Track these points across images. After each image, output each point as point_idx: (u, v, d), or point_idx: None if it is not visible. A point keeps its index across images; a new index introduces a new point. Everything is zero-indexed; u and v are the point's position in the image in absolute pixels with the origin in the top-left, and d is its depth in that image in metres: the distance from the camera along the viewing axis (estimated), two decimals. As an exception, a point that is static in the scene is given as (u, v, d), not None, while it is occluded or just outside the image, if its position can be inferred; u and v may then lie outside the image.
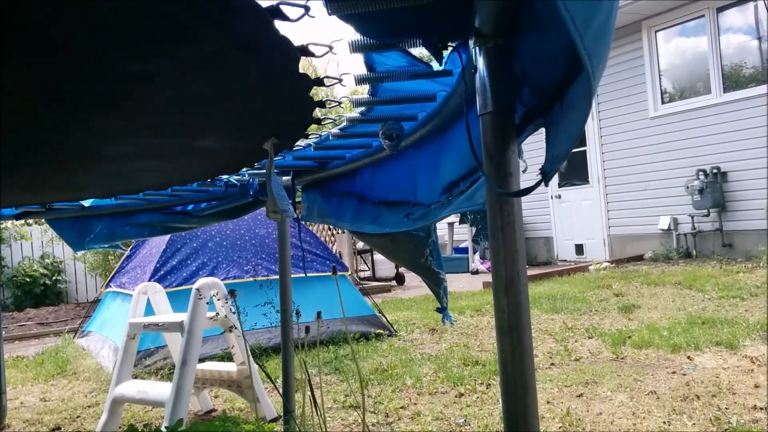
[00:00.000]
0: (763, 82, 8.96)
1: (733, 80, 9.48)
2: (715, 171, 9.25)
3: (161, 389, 3.41)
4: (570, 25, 0.74)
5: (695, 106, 9.69)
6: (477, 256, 12.31)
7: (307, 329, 2.24)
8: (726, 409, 3.23)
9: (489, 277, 9.96)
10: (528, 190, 0.98)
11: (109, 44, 1.02)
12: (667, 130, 10.01)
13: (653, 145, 10.20)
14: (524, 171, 1.30)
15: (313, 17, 0.98)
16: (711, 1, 9.42)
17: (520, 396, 1.03)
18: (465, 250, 12.41)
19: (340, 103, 1.58)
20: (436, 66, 1.32)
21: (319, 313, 2.50)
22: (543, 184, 1.00)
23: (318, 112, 1.71)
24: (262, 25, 0.97)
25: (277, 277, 4.94)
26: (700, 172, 9.35)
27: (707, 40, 9.64)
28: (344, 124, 1.83)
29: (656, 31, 10.34)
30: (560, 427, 3.19)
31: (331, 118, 1.77)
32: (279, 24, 1.00)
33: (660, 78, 10.34)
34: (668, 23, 10.15)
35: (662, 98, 10.33)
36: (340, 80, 1.40)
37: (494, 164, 1.06)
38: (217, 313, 3.60)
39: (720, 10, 9.49)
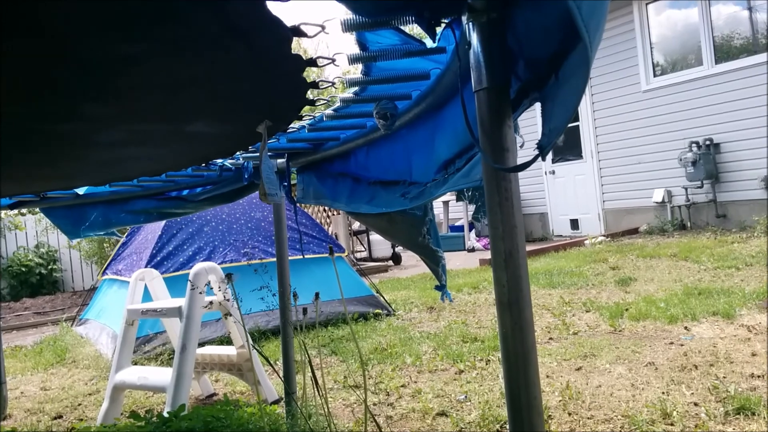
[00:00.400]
0: (754, 52, 8.94)
1: (724, 51, 9.46)
2: (707, 142, 9.26)
3: (162, 375, 3.43)
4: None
5: (687, 78, 9.67)
6: (473, 234, 12.33)
7: (305, 310, 2.25)
8: (724, 378, 3.26)
9: (485, 255, 10.00)
10: (525, 165, 0.98)
11: (98, 26, 1.01)
12: (660, 103, 10.00)
13: (646, 119, 10.20)
14: (521, 146, 1.29)
15: (305, -4, 0.97)
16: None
17: (522, 369, 1.04)
18: (461, 228, 12.43)
19: (333, 83, 1.57)
20: (429, 43, 1.31)
21: (317, 294, 2.51)
22: (540, 158, 1.00)
23: (311, 93, 1.70)
24: (253, 6, 0.96)
25: (274, 259, 4.96)
26: (693, 144, 9.35)
27: (698, 11, 9.60)
28: (338, 104, 1.82)
29: (647, 4, 10.29)
30: (560, 400, 3.22)
31: (324, 99, 1.76)
32: (270, 5, 0.99)
33: (651, 51, 10.31)
34: (658, -5, 10.10)
35: (654, 71, 10.30)
36: (333, 60, 1.39)
37: (491, 140, 1.06)
38: (211, 302, 3.60)
39: (711, -20, 9.44)
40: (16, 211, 11.50)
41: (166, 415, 2.69)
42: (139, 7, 0.92)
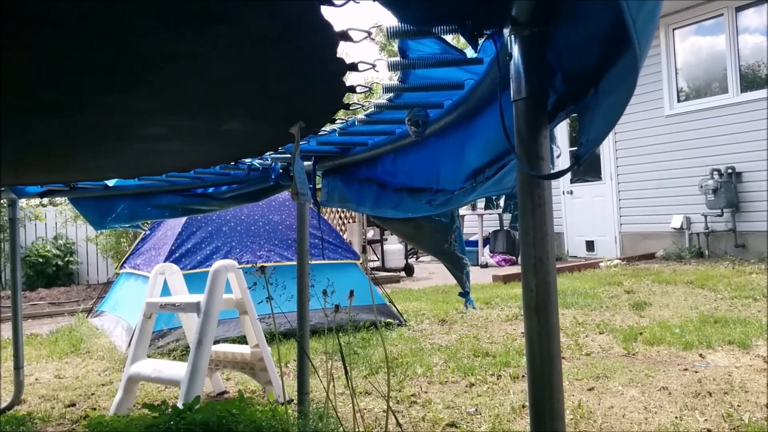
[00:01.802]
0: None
1: (749, 80, 9.44)
2: (729, 171, 9.22)
3: (176, 369, 3.47)
4: (625, 9, 0.76)
5: (711, 105, 9.65)
6: (486, 250, 12.32)
7: (337, 307, 2.29)
8: (738, 406, 3.25)
9: (499, 271, 10.00)
10: (561, 173, 1.01)
11: (155, 25, 1.05)
12: (683, 129, 9.98)
13: (668, 143, 10.18)
14: (558, 156, 1.32)
15: (358, 2, 1.01)
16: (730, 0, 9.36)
17: (546, 374, 1.06)
18: (475, 243, 12.41)
19: (371, 88, 1.61)
20: (470, 53, 1.34)
21: (337, 306, 2.55)
22: (576, 167, 1.03)
23: (346, 98, 1.74)
24: (307, 9, 1.00)
25: (288, 263, 5.00)
26: (715, 172, 9.32)
27: (725, 39, 9.59)
28: (371, 109, 1.85)
29: (674, 29, 10.29)
30: (571, 419, 3.22)
31: (359, 104, 1.80)
32: (323, 9, 1.03)
33: (677, 76, 10.30)
34: (686, 21, 10.10)
35: (678, 96, 10.29)
36: (374, 66, 1.43)
37: (526, 148, 1.09)
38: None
39: (738, 9, 9.44)
40: (37, 202, 11.66)
41: (180, 407, 2.73)
42: (198, 7, 0.96)
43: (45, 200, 11.49)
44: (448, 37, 1.28)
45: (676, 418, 3.15)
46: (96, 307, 7.37)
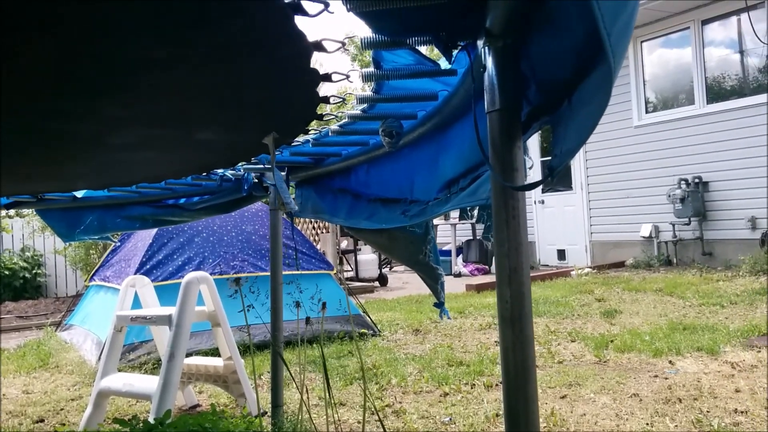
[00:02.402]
0: (744, 94, 9.12)
1: (715, 92, 9.65)
2: (696, 180, 9.39)
3: (148, 382, 3.41)
4: (600, 22, 0.77)
5: (679, 116, 9.84)
6: (460, 260, 12.37)
7: (308, 320, 2.27)
8: (708, 412, 3.29)
9: (472, 280, 10.03)
10: (534, 185, 1.02)
11: (129, 30, 1.04)
12: (651, 140, 10.15)
13: (636, 154, 10.34)
14: (530, 167, 1.33)
15: (332, 13, 1.01)
16: (698, 10, 9.56)
17: (521, 384, 1.06)
18: (448, 253, 12.45)
19: (344, 99, 1.61)
20: (444, 64, 1.35)
21: (308, 318, 2.53)
22: (550, 178, 1.03)
23: (320, 109, 1.73)
24: (281, 19, 0.99)
25: (262, 273, 4.96)
26: (682, 182, 9.49)
27: (692, 51, 9.79)
28: (345, 120, 1.86)
29: (642, 42, 10.48)
30: (545, 427, 3.24)
31: (332, 115, 1.80)
32: (297, 19, 1.02)
33: (645, 87, 10.49)
34: (654, 34, 10.29)
35: (646, 108, 10.47)
36: (348, 76, 1.43)
37: (501, 160, 1.10)
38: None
39: (704, 23, 9.65)
40: (3, 214, 11.43)
41: (151, 421, 2.68)
42: (173, 12, 0.95)
43: (11, 212, 11.27)
44: (423, 49, 1.28)
45: (647, 424, 3.18)
46: (65, 320, 7.23)
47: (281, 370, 3.23)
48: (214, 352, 4.45)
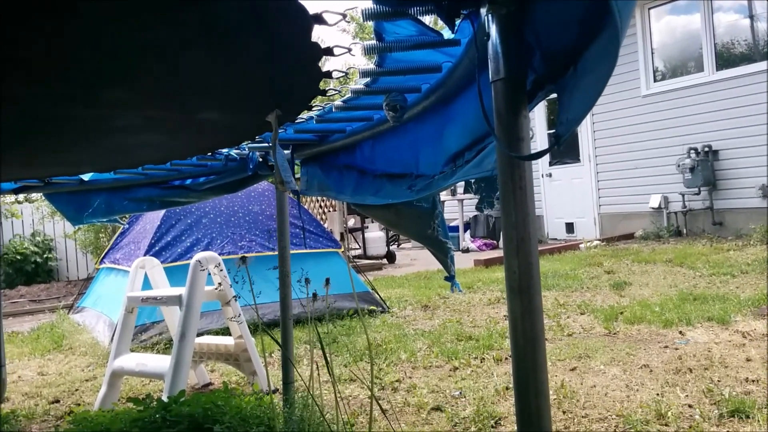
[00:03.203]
0: (754, 60, 8.99)
1: (724, 59, 9.52)
2: (706, 149, 9.30)
3: (160, 362, 3.44)
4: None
5: (688, 84, 9.72)
6: (467, 235, 12.36)
7: (315, 295, 2.27)
8: (718, 381, 3.29)
9: (480, 255, 10.03)
10: (541, 153, 1.00)
11: (122, 10, 1.02)
12: (659, 108, 10.05)
13: (645, 123, 10.25)
14: (532, 137, 1.32)
15: (331, -18, 0.99)
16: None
17: (530, 354, 1.06)
18: (455, 229, 12.44)
19: (347, 73, 1.59)
20: (447, 35, 1.33)
21: (314, 294, 2.53)
22: (556, 146, 1.02)
23: (323, 84, 1.72)
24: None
25: (270, 253, 4.97)
26: (692, 151, 9.40)
27: (701, 17, 9.65)
28: (348, 95, 1.83)
29: (649, 9, 10.33)
30: (555, 399, 3.25)
31: (336, 90, 1.78)
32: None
33: (653, 56, 10.36)
34: (661, 0, 10.14)
35: (654, 76, 10.36)
36: (350, 50, 1.40)
37: (506, 129, 1.08)
38: (220, 284, 3.61)
39: (714, -13, 9.51)
40: (13, 199, 11.48)
41: (165, 400, 2.71)
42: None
43: (21, 197, 11.32)
44: (425, 19, 1.26)
45: (658, 395, 3.18)
46: (77, 303, 7.30)
47: (291, 347, 3.24)
48: (226, 332, 4.48)
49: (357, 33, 20.29)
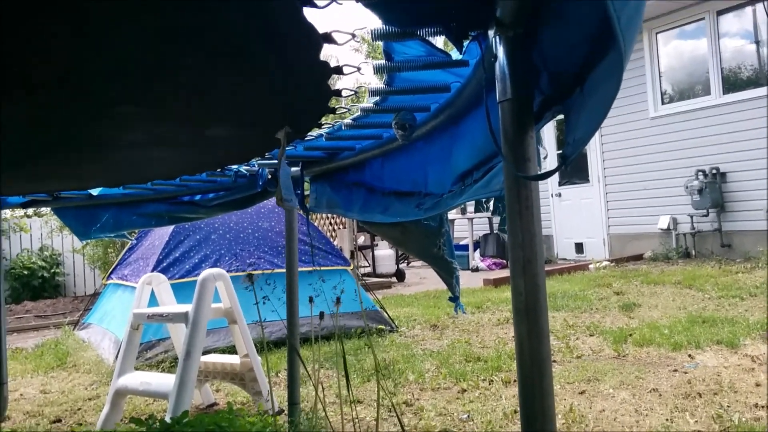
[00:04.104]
0: (761, 85, 9.00)
1: (731, 82, 9.54)
2: (714, 171, 9.28)
3: (165, 381, 3.42)
4: (610, 7, 0.76)
5: (695, 107, 9.74)
6: (477, 254, 12.32)
7: (321, 315, 2.26)
8: (728, 407, 3.25)
9: (489, 275, 9.98)
10: (548, 174, 1.00)
11: (136, 35, 1.03)
12: (667, 131, 10.06)
13: (653, 145, 10.25)
14: (545, 158, 1.32)
15: (341, 4, 1.00)
16: (713, 1, 9.45)
17: (536, 376, 1.05)
18: (465, 248, 12.41)
19: (356, 92, 1.60)
20: (455, 55, 1.33)
21: (321, 314, 2.52)
22: (564, 167, 1.02)
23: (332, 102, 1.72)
24: (290, 12, 0.98)
25: (279, 270, 4.95)
26: (700, 173, 9.38)
27: (707, 42, 9.69)
28: (357, 113, 1.84)
29: (657, 33, 10.38)
30: (563, 424, 3.21)
31: (345, 108, 1.78)
32: (305, 11, 1.01)
33: (660, 79, 10.38)
34: (669, 25, 10.20)
35: (662, 99, 10.37)
36: (359, 69, 1.41)
37: (513, 149, 1.08)
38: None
39: (719, 13, 9.55)
40: (22, 213, 11.54)
41: (168, 421, 2.69)
42: (183, 17, 0.94)
43: (30, 211, 11.38)
44: (435, 40, 1.27)
45: (667, 420, 3.14)
46: (83, 319, 7.29)
47: (297, 368, 3.23)
48: (232, 350, 4.46)
49: (369, 53, 20.48)
